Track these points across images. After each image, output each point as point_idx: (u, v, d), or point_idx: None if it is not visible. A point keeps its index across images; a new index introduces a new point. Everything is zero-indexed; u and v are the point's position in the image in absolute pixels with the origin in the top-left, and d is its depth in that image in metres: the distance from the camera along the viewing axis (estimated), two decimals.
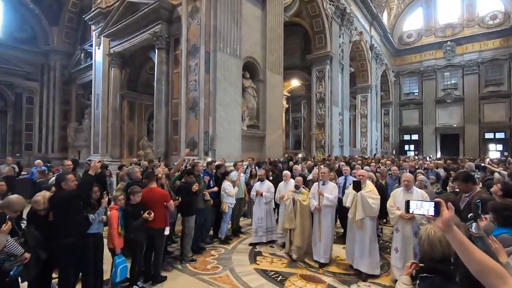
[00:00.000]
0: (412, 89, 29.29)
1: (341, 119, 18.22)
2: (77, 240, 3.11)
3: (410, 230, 3.64)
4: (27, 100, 19.74)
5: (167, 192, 4.08)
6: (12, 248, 2.60)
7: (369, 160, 10.73)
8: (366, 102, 23.44)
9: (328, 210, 4.51)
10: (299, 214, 4.71)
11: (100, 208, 3.40)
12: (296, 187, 5.00)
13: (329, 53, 16.65)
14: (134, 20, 11.80)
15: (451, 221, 1.12)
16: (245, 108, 10.79)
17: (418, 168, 8.05)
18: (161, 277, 3.96)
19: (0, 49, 17.99)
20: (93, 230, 3.34)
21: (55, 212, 3.07)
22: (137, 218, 3.57)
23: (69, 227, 3.05)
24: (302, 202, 4.75)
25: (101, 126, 14.40)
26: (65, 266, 3.13)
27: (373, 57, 23.20)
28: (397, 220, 3.76)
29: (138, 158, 12.49)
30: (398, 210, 3.73)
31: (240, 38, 10.14)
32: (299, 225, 4.69)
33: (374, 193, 4.07)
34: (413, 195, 3.69)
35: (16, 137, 19.20)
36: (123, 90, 14.25)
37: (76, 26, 20.41)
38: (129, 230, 3.54)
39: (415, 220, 3.56)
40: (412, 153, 27.56)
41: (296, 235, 4.68)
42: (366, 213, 3.96)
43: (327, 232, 4.48)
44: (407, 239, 3.68)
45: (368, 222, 4.05)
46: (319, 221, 4.48)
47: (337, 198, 4.58)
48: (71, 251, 3.08)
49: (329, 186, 4.62)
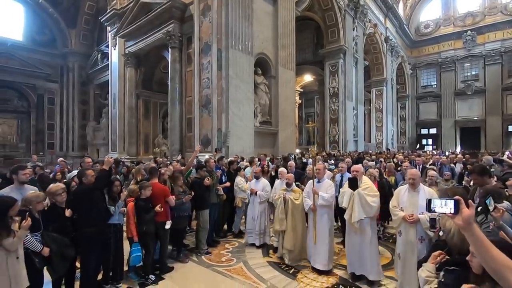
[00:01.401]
0: (429, 82, 28.36)
1: (355, 113, 17.95)
2: (98, 229, 3.34)
3: (413, 235, 3.14)
4: (49, 101, 20.59)
5: (167, 188, 4.21)
6: (29, 245, 2.76)
7: (383, 155, 10.50)
8: (381, 96, 22.94)
9: (324, 211, 4.03)
10: (291, 215, 4.30)
11: (120, 201, 3.63)
12: (287, 185, 4.55)
13: (342, 47, 16.38)
14: (147, 20, 12.05)
15: (471, 218, 1.10)
16: (257, 105, 10.84)
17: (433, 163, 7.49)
18: (168, 267, 4.11)
19: (22, 52, 18.83)
20: (114, 220, 3.57)
21: (79, 203, 3.29)
22: (148, 211, 3.75)
23: (91, 217, 3.28)
24: (294, 201, 4.33)
25: (118, 124, 14.84)
26: (87, 254, 3.33)
27: (388, 49, 22.62)
28: (400, 222, 3.26)
29: (154, 155, 12.83)
30: (402, 211, 3.25)
31: (252, 35, 10.16)
32: (290, 227, 4.27)
33: (372, 189, 3.67)
34: (419, 194, 3.20)
35: (39, 136, 20.09)
36: (138, 89, 14.62)
37: (93, 28, 21.01)
38: (141, 223, 3.73)
39: (420, 224, 3.07)
40: (430, 148, 26.78)
41: (287, 237, 4.25)
42: (366, 213, 3.54)
43: (323, 235, 3.98)
44: (410, 245, 3.17)
45: (367, 223, 3.64)
46: (314, 222, 4.02)
47: (334, 197, 4.14)
48: (93, 239, 3.30)
49: (324, 184, 4.13)
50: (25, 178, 3.56)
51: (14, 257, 2.55)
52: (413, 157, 8.71)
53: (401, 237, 3.28)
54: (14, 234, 2.51)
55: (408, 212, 3.15)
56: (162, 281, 3.82)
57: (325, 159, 8.72)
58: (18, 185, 3.49)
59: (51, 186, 3.36)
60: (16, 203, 2.62)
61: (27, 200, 2.92)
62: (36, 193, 3.10)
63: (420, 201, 3.12)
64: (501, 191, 2.58)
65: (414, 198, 3.20)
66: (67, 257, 2.98)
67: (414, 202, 3.18)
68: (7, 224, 2.50)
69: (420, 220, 3.06)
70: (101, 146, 19.36)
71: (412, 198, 3.22)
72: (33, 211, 2.88)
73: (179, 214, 4.45)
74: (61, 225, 3.08)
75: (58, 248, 2.91)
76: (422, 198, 3.11)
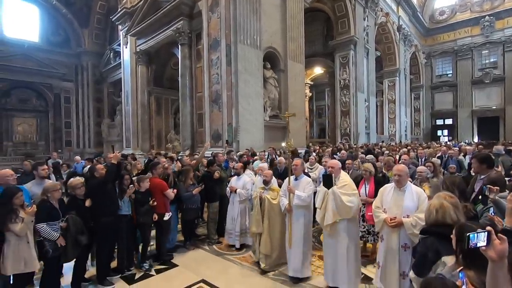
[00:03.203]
0: (445, 71, 27.48)
1: (367, 105, 17.68)
2: (113, 219, 3.62)
3: (396, 241, 2.73)
4: (65, 99, 21.28)
5: (164, 182, 4.36)
6: (45, 234, 2.99)
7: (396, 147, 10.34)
8: (394, 87, 22.45)
9: (300, 212, 3.60)
10: (267, 216, 3.90)
11: (128, 191, 3.87)
12: (264, 183, 4.13)
13: (353, 38, 16.08)
14: (157, 18, 12.20)
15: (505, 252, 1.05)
16: (266, 99, 10.87)
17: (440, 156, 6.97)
18: (168, 255, 4.30)
19: (39, 53, 19.46)
20: (124, 212, 3.81)
21: (93, 195, 3.55)
22: (145, 204, 3.97)
23: (106, 207, 3.55)
24: (271, 201, 3.92)
25: (132, 121, 15.21)
26: (103, 242, 3.62)
27: (401, 38, 22.02)
28: (382, 226, 2.82)
29: (166, 150, 13.11)
30: (384, 212, 2.82)
31: (260, 29, 10.15)
32: (267, 229, 3.88)
33: (350, 187, 3.21)
34: (405, 194, 2.77)
35: (57, 134, 20.85)
36: (150, 86, 14.90)
37: (104, 27, 21.42)
38: (138, 214, 3.95)
39: (404, 229, 2.66)
40: (446, 139, 26.09)
41: (263, 241, 3.87)
42: (342, 214, 3.12)
43: (299, 239, 3.58)
44: (391, 253, 2.76)
45: (344, 227, 3.19)
46: (290, 224, 3.63)
47: (312, 196, 3.69)
48: (108, 228, 3.59)
49: (302, 181, 3.70)
50: (44, 173, 3.88)
51: (25, 242, 2.88)
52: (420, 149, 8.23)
53: (383, 243, 2.86)
54: (22, 220, 2.81)
55: (392, 215, 2.73)
56: (176, 268, 4.03)
57: (333, 152, 8.69)
58: (39, 180, 3.80)
59: (71, 180, 3.59)
60: (19, 192, 2.92)
61: (45, 189, 3.17)
62: (53, 183, 3.36)
63: (406, 201, 2.72)
64: (504, 180, 2.57)
65: (399, 198, 2.77)
66: (79, 244, 3.19)
67: (398, 202, 2.76)
68: (12, 210, 2.82)
69: (404, 224, 2.63)
70: (115, 142, 19.91)
71: (397, 198, 2.79)
72: (51, 199, 3.11)
73: (188, 206, 4.63)
74: (80, 215, 3.31)
75: (74, 233, 3.12)
76: (408, 198, 2.73)
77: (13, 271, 2.82)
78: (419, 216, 2.53)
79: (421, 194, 2.78)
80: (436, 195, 2.03)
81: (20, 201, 2.89)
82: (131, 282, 3.63)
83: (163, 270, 3.94)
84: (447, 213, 1.80)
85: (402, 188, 2.80)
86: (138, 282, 3.65)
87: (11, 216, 2.79)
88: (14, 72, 18.38)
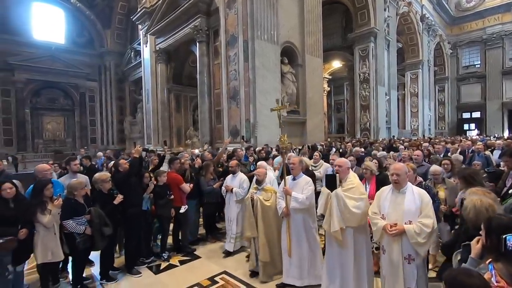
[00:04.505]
0: (472, 61, 26.09)
1: (387, 99, 17.19)
2: (139, 209, 3.84)
3: (398, 253, 2.37)
4: (89, 98, 22.24)
5: (179, 176, 4.49)
6: (72, 229, 3.19)
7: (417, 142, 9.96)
8: (417, 79, 21.63)
9: (299, 216, 3.19)
10: (261, 218, 3.52)
11: (148, 188, 4.02)
12: (257, 182, 3.74)
13: (373, 30, 15.62)
14: (175, 16, 12.43)
15: None
16: (284, 94, 10.84)
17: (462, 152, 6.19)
18: (189, 247, 4.41)
19: (65, 54, 20.42)
20: (144, 207, 3.98)
21: (118, 189, 3.72)
22: (163, 197, 4.13)
23: (131, 199, 3.75)
24: (263, 203, 3.54)
25: (152, 118, 15.66)
26: (130, 232, 3.83)
27: (424, 28, 21.12)
28: (381, 235, 2.46)
29: (186, 147, 13.42)
30: (383, 219, 2.45)
31: (277, 24, 10.09)
32: (262, 233, 3.49)
33: (358, 191, 2.76)
34: (405, 196, 2.41)
35: (83, 132, 21.86)
36: (170, 84, 15.26)
37: (125, 27, 22.10)
38: (157, 207, 4.12)
39: (406, 237, 2.30)
40: (473, 133, 24.88)
41: (261, 247, 3.48)
42: (346, 221, 2.68)
43: (298, 246, 3.22)
44: (393, 266, 2.40)
45: (350, 235, 2.74)
46: (288, 229, 3.23)
47: (312, 198, 3.24)
48: (135, 219, 3.79)
49: (300, 181, 3.28)
50: (76, 168, 4.16)
51: (52, 233, 3.11)
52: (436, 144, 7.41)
53: (385, 255, 2.49)
54: (50, 212, 3.04)
55: (391, 221, 2.38)
56: (199, 259, 4.16)
57: (354, 145, 8.54)
58: (72, 174, 4.07)
59: (97, 174, 3.78)
60: (50, 184, 3.17)
61: (71, 186, 3.33)
62: (78, 180, 3.54)
63: (407, 205, 2.36)
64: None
65: (399, 201, 2.42)
66: (105, 235, 3.37)
67: (398, 207, 2.40)
68: (42, 200, 3.06)
69: (407, 232, 2.28)
70: (137, 139, 20.59)
71: (396, 201, 2.44)
72: (77, 196, 3.30)
73: (208, 201, 4.76)
74: (105, 208, 3.49)
75: (98, 225, 3.31)
76: (409, 201, 2.37)
77: (42, 260, 3.06)
78: (424, 222, 2.24)
79: (424, 196, 2.39)
80: (470, 191, 1.97)
81: (50, 193, 3.12)
82: (157, 272, 3.81)
83: (187, 261, 4.10)
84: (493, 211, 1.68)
85: (402, 190, 2.44)
86: (164, 272, 3.82)
87: (40, 207, 3.03)
88: (43, 73, 19.44)
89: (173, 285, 3.46)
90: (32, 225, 3.01)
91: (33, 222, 3.02)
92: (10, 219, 2.86)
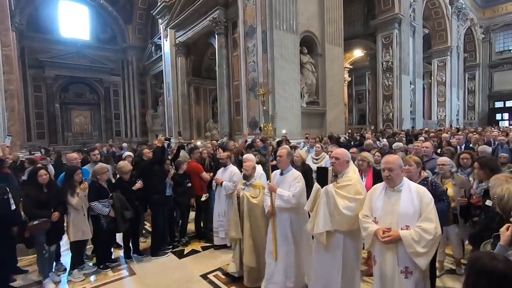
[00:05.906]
0: (507, 46, 24.31)
1: (412, 88, 16.48)
2: (163, 196, 4.08)
3: (392, 265, 1.97)
4: (113, 93, 23.05)
5: (200, 165, 4.69)
6: (98, 210, 3.52)
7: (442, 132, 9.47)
8: (445, 67, 20.51)
9: (285, 216, 2.84)
10: (247, 218, 3.14)
11: (169, 174, 4.28)
12: (244, 178, 3.41)
13: (397, 15, 14.91)
14: (194, 9, 12.50)
15: None
16: (303, 85, 10.68)
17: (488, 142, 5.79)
18: (210, 234, 4.51)
19: (90, 50, 21.22)
20: (167, 193, 4.23)
21: (143, 176, 4.00)
22: (181, 185, 4.33)
23: (155, 186, 4.00)
24: (250, 200, 3.16)
25: (173, 111, 16.00)
26: (157, 215, 4.07)
27: (454, 12, 19.87)
28: (372, 241, 2.08)
29: (205, 139, 13.64)
30: (375, 223, 2.06)
31: (296, 13, 9.89)
32: (248, 235, 3.11)
33: (353, 189, 2.30)
34: (401, 196, 2.00)
35: (108, 125, 22.77)
36: (189, 77, 15.47)
37: (146, 21, 22.53)
38: (176, 194, 4.33)
39: (403, 245, 1.90)
40: (506, 123, 23.38)
41: (246, 250, 3.11)
42: (335, 224, 2.29)
43: (284, 249, 2.85)
44: (387, 279, 2.00)
45: (339, 240, 2.34)
46: (274, 231, 2.88)
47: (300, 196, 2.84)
48: (160, 205, 4.04)
49: (288, 177, 2.91)
50: (95, 158, 4.60)
51: (82, 214, 3.48)
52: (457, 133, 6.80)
53: (376, 266, 2.10)
54: (78, 195, 3.40)
55: (384, 225, 1.98)
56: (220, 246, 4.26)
57: (376, 137, 8.32)
58: (93, 163, 4.47)
59: (120, 163, 4.05)
60: (79, 170, 3.56)
61: (94, 171, 3.70)
62: (100, 165, 3.85)
63: (403, 206, 1.96)
64: None
65: (393, 201, 2.01)
66: (126, 218, 3.65)
67: (392, 208, 2.00)
68: (73, 184, 3.45)
69: (403, 239, 1.88)
70: (159, 132, 21.08)
71: (389, 201, 2.03)
72: (100, 181, 3.64)
73: None
74: (125, 194, 3.75)
75: (120, 208, 3.59)
76: (405, 202, 1.97)
77: (74, 238, 3.45)
78: (424, 227, 1.84)
79: (424, 194, 1.97)
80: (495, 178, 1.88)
81: (79, 178, 3.51)
82: (181, 256, 4.00)
83: (209, 248, 4.25)
84: None
85: (396, 188, 2.03)
86: (188, 257, 4.01)
87: (71, 190, 3.40)
88: (70, 69, 20.34)
89: (197, 269, 3.64)
90: (63, 208, 3.33)
91: (65, 205, 3.37)
92: (44, 202, 3.24)
